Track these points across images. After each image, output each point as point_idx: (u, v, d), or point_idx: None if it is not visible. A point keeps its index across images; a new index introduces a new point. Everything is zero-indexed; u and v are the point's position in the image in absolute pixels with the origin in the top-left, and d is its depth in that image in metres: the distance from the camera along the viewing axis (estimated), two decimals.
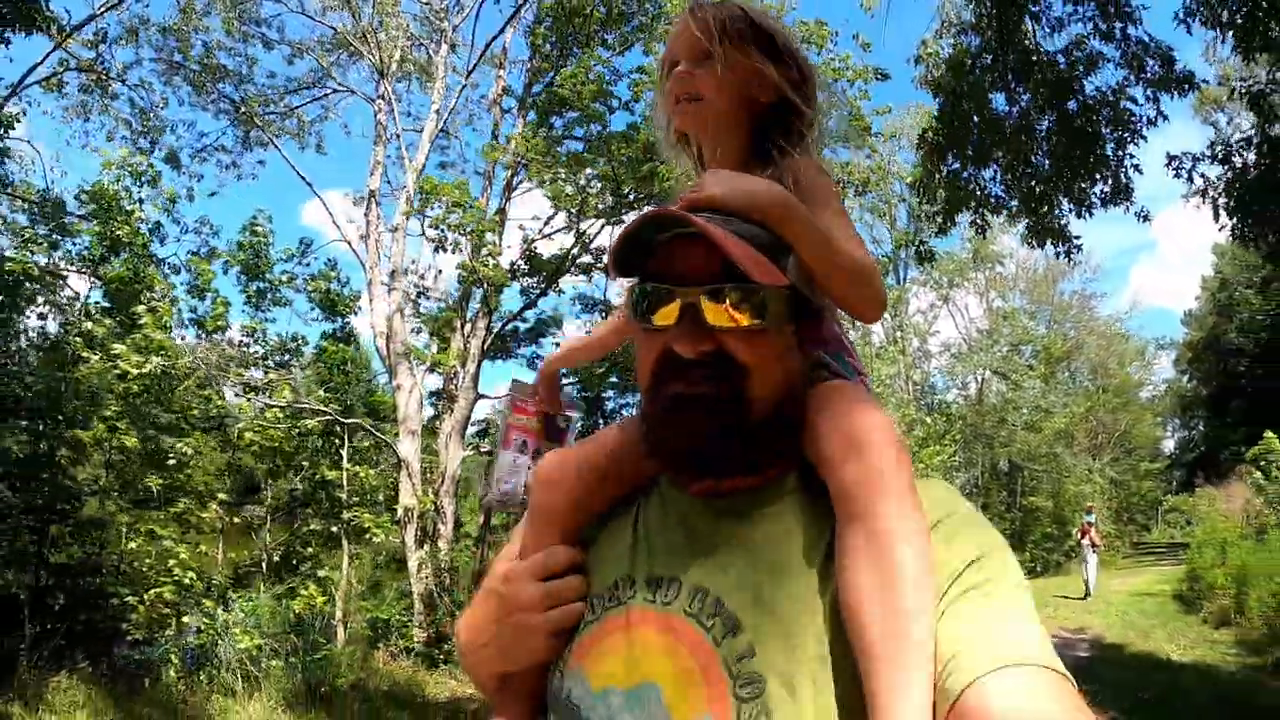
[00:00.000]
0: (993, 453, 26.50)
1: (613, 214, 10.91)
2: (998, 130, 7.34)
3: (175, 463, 8.55)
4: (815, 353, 0.90)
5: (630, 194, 10.45)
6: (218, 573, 9.69)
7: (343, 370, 12.02)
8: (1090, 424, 30.27)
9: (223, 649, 7.47)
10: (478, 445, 11.69)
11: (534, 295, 12.14)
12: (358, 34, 12.89)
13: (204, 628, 7.58)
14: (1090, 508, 18.56)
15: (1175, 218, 61.84)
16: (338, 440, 10.95)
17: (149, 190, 9.88)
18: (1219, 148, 7.08)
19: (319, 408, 10.37)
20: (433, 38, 13.37)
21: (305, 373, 11.20)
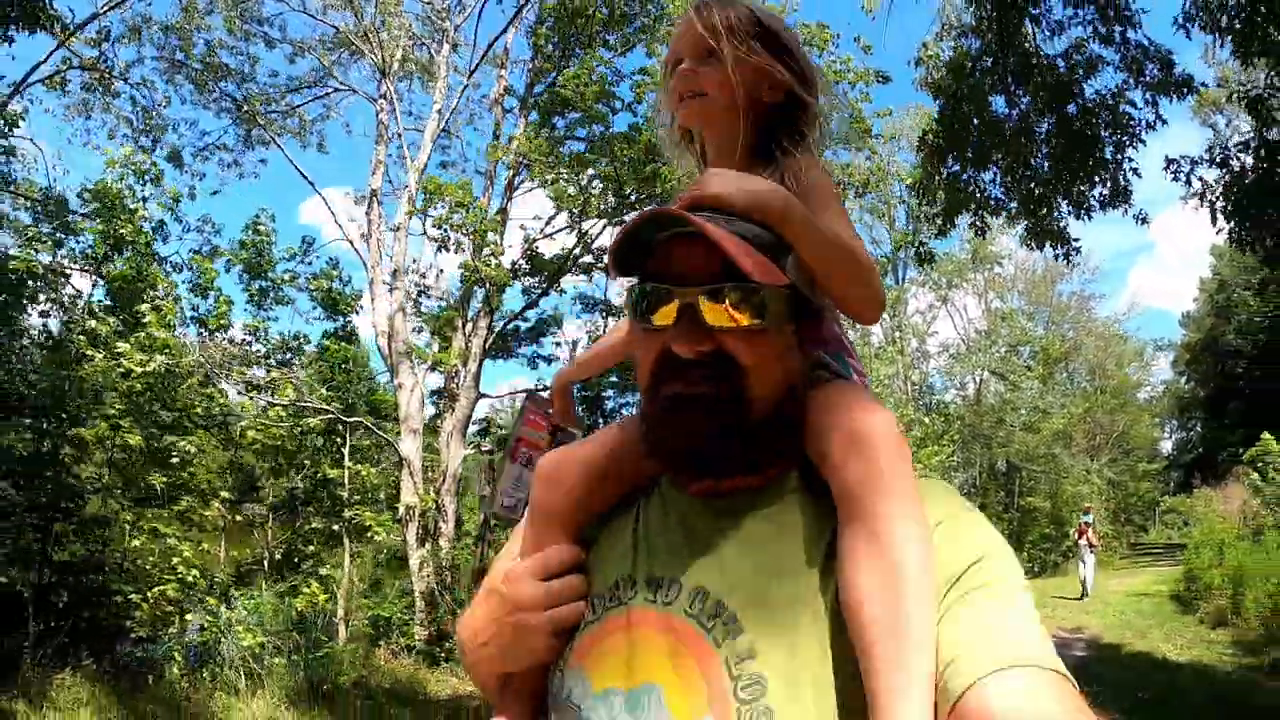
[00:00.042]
0: (990, 453, 26.53)
1: (615, 214, 10.92)
2: (997, 132, 7.35)
3: (179, 461, 8.57)
4: (815, 353, 0.90)
5: (632, 195, 10.47)
6: (220, 571, 9.71)
7: (344, 369, 12.05)
8: (1088, 425, 30.30)
9: (226, 647, 7.49)
10: (479, 444, 11.72)
11: (536, 295, 12.17)
12: (360, 33, 12.91)
13: (207, 625, 7.59)
14: (1087, 508, 18.58)
15: (1174, 220, 61.96)
16: (339, 439, 10.97)
17: (152, 189, 9.90)
18: (1217, 151, 7.10)
19: (321, 406, 10.39)
20: (434, 37, 13.40)
21: (307, 371, 11.21)
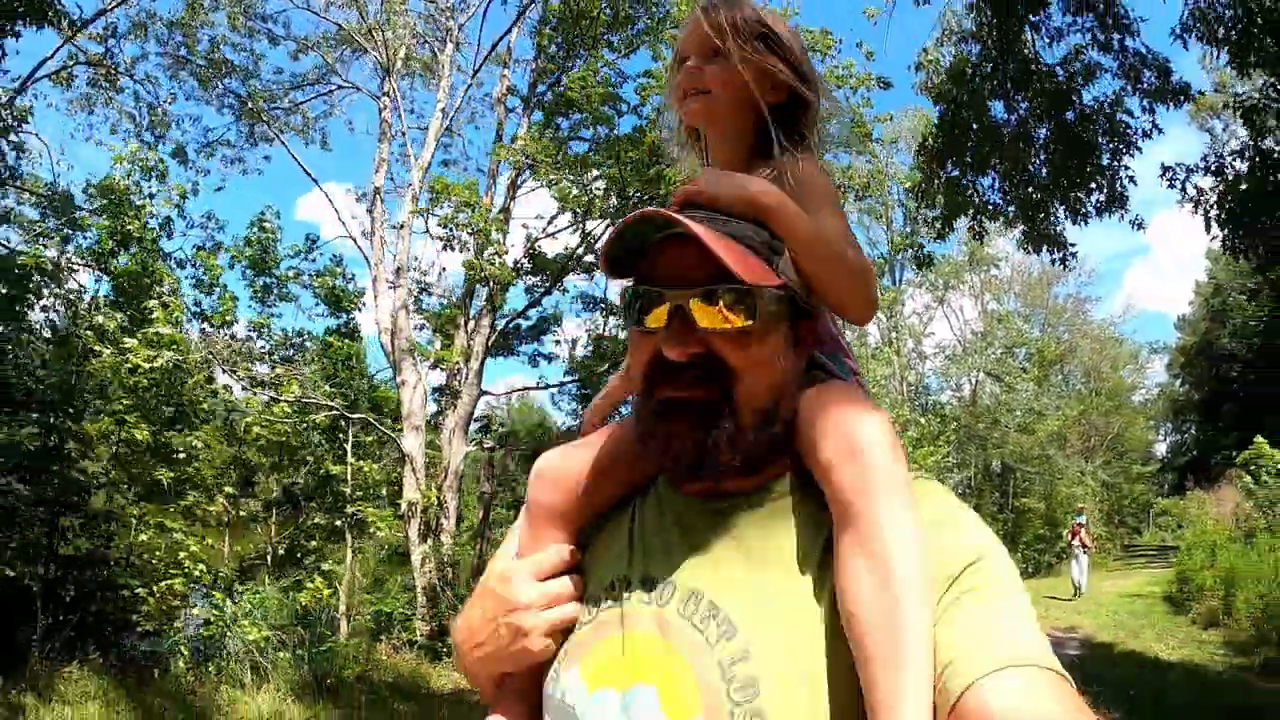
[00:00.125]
0: (986, 454, 26.69)
1: (618, 215, 11.00)
2: (996, 138, 7.45)
3: (185, 456, 8.62)
4: (811, 352, 0.89)
5: (636, 196, 10.55)
6: (224, 565, 9.77)
7: (347, 365, 12.11)
8: (1083, 427, 30.46)
9: (230, 640, 7.55)
10: (480, 440, 11.79)
11: (538, 294, 12.24)
12: (364, 31, 12.95)
13: (214, 619, 7.65)
14: (1081, 509, 18.73)
15: (1170, 222, 62.04)
16: (341, 435, 11.03)
17: (157, 184, 9.94)
18: (1212, 159, 7.21)
19: (326, 403, 10.45)
20: (438, 36, 13.45)
21: (311, 368, 11.27)
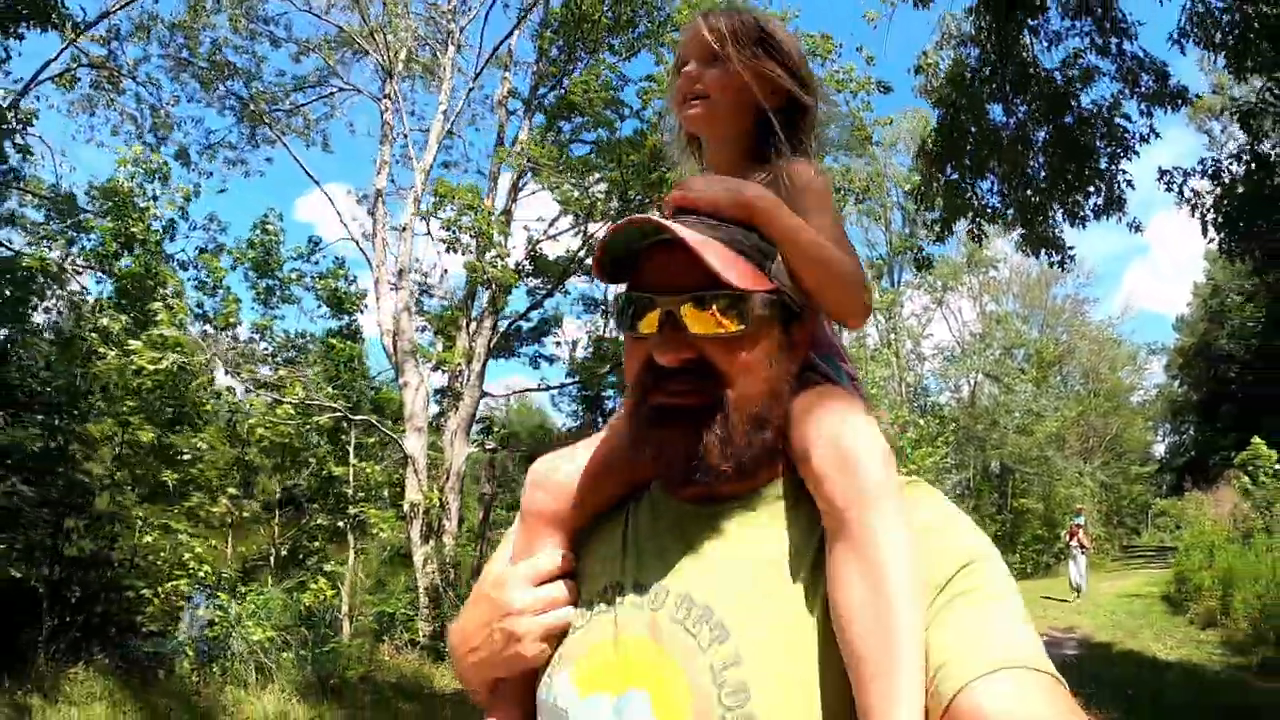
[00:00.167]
0: (984, 455, 26.74)
1: (619, 218, 10.96)
2: (995, 141, 7.51)
3: (190, 458, 8.66)
4: (805, 356, 0.89)
5: (638, 199, 10.60)
6: (227, 567, 9.80)
7: (349, 367, 12.15)
8: (1081, 428, 30.51)
9: (235, 641, 7.59)
10: (482, 442, 11.83)
11: (540, 296, 12.29)
12: (365, 33, 12.98)
13: (218, 620, 7.69)
14: (1079, 509, 18.76)
15: (1169, 223, 62.19)
16: (344, 436, 11.07)
17: (160, 187, 9.97)
18: (1209, 163, 7.27)
19: (330, 404, 10.49)
20: (439, 38, 13.49)
21: (314, 369, 11.31)
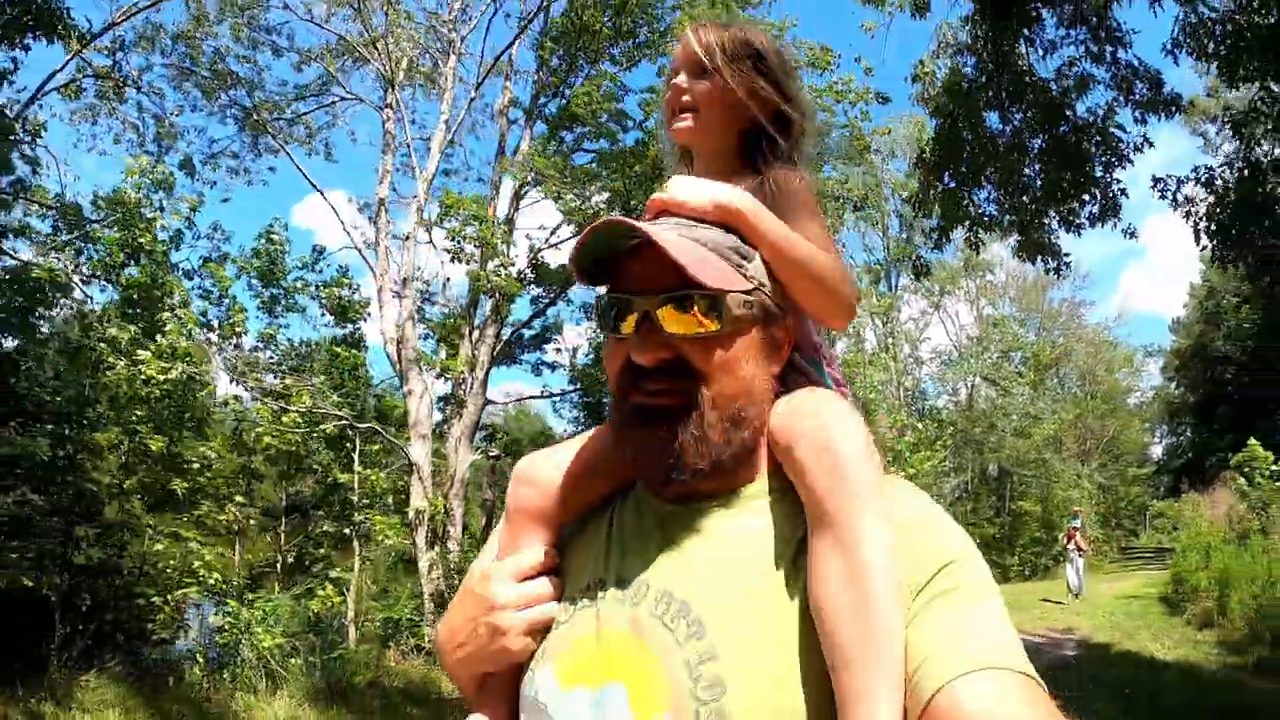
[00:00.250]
0: (982, 458, 26.86)
1: None
2: (991, 149, 7.63)
3: (199, 466, 8.72)
4: (788, 357, 0.90)
5: (639, 209, 10.67)
6: (235, 574, 9.87)
7: (354, 375, 12.22)
8: (1079, 430, 30.64)
9: (245, 648, 7.65)
10: (485, 449, 11.91)
11: (543, 304, 12.37)
12: (367, 42, 13.06)
13: (228, 627, 7.75)
14: (1076, 512, 18.82)
15: (1164, 226, 62.48)
16: (349, 444, 11.15)
17: (165, 196, 10.04)
18: (1202, 171, 7.39)
19: (335, 412, 10.56)
20: (440, 47, 13.58)
21: (319, 378, 11.39)
